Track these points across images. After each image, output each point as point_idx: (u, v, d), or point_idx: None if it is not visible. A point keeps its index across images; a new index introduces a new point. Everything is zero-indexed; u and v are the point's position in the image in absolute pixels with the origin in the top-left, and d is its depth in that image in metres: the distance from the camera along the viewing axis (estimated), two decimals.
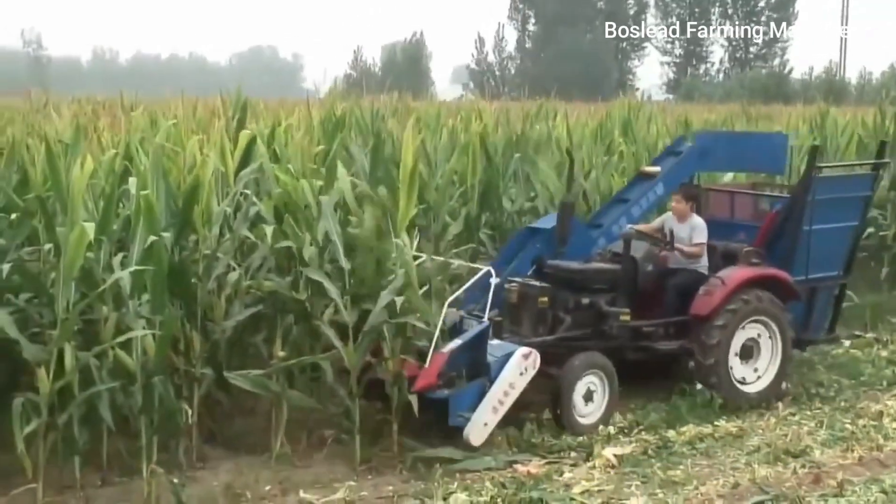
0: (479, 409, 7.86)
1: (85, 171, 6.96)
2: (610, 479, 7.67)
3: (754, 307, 9.40)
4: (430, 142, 11.56)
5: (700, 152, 10.50)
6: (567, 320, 9.10)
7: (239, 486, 7.39)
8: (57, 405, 6.79)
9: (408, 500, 7.18)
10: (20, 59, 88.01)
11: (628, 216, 10.14)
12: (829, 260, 10.30)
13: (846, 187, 10.53)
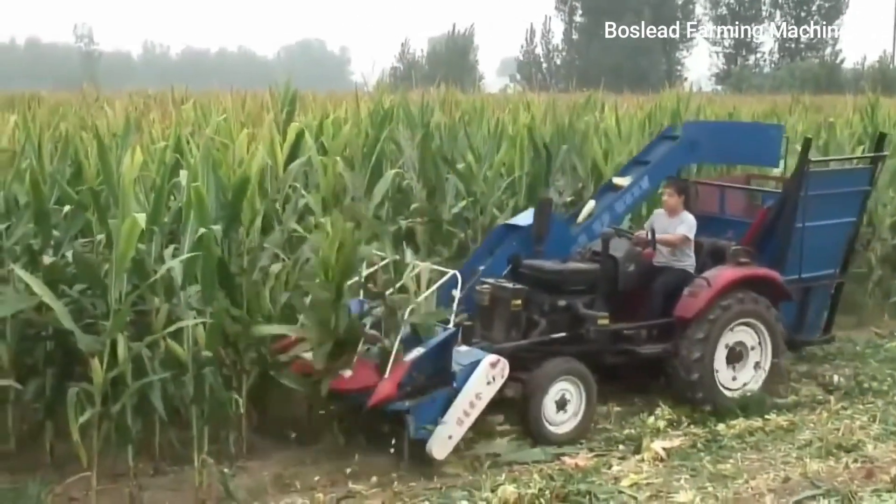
0: (444, 422, 7.43)
1: (135, 164, 7.01)
2: (658, 473, 7.64)
3: (741, 309, 8.90)
4: (478, 134, 11.54)
5: (688, 144, 10.11)
6: (542, 324, 8.60)
7: (288, 477, 7.45)
8: (110, 395, 6.85)
9: (456, 492, 7.18)
10: (73, 54, 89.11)
11: (612, 213, 9.74)
12: (824, 258, 9.84)
13: (842, 182, 10.03)
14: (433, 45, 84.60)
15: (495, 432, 8.39)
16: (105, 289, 7.02)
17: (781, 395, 9.41)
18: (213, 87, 18.61)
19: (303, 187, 9.88)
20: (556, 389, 8.12)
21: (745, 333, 9.05)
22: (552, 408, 8.13)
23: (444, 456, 7.42)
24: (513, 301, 8.38)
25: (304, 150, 10.09)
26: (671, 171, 9.95)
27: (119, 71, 73.89)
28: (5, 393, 7.41)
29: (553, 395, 8.11)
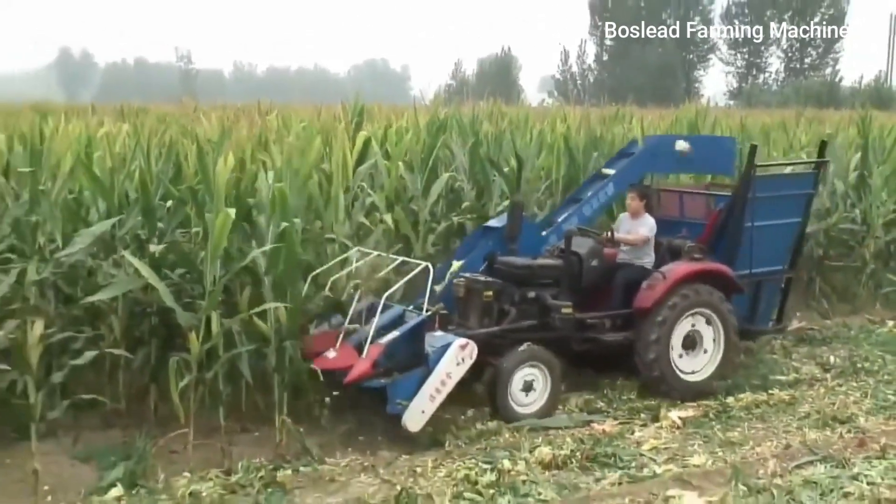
0: (417, 398, 7.26)
1: (227, 166, 7.10)
2: (675, 439, 7.63)
3: (695, 300, 8.64)
4: (520, 142, 11.52)
5: (649, 154, 9.73)
6: (513, 313, 8.42)
7: (355, 436, 7.51)
8: (205, 364, 6.96)
9: (499, 452, 7.19)
10: (173, 71, 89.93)
11: (579, 215, 9.39)
12: (772, 255, 9.56)
13: (788, 185, 9.74)
14: (481, 64, 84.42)
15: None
16: (201, 273, 7.11)
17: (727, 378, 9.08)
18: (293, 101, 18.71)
19: (369, 187, 9.94)
20: (522, 374, 7.95)
21: (700, 322, 8.77)
22: (519, 391, 7.95)
23: (417, 428, 7.27)
24: (485, 293, 8.27)
25: (371, 155, 10.15)
26: (633, 179, 9.59)
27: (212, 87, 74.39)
28: (117, 360, 7.52)
29: (520, 379, 7.93)
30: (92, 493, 6.38)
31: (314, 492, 6.47)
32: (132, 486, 6.48)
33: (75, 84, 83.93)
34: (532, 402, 8.00)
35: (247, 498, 6.30)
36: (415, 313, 7.83)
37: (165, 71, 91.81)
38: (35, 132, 8.11)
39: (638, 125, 13.55)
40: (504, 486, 6.49)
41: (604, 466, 6.97)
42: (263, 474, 6.68)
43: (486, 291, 8.27)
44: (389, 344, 7.37)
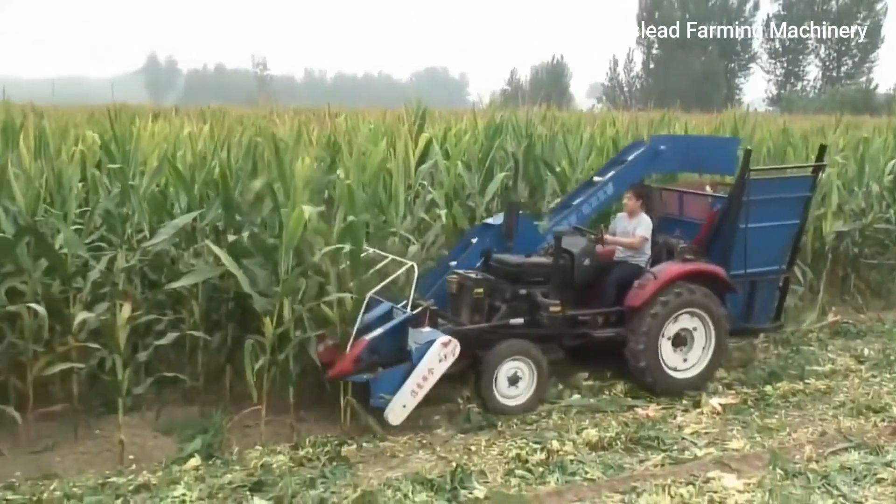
0: (400, 393, 7.03)
1: (305, 165, 7.13)
2: (715, 424, 7.52)
3: (686, 299, 8.25)
4: (572, 144, 11.43)
5: (651, 155, 9.23)
6: (503, 309, 8.09)
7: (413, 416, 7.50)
8: (277, 346, 7.00)
9: (549, 433, 7.17)
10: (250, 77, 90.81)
11: (578, 214, 9.01)
12: (768, 255, 9.02)
13: (783, 188, 9.18)
14: (535, 71, 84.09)
15: (582, 386, 8.36)
16: (276, 263, 7.16)
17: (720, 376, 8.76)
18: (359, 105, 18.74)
19: (429, 185, 9.94)
20: (508, 367, 7.69)
21: (690, 321, 8.38)
22: (505, 383, 7.68)
23: (399, 422, 7.03)
24: (475, 289, 7.99)
25: (432, 155, 10.17)
26: (634, 179, 9.17)
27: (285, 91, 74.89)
28: (196, 342, 7.60)
29: (505, 372, 7.67)
30: (172, 462, 6.47)
31: (376, 466, 6.50)
32: (209, 458, 6.56)
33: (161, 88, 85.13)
34: (518, 395, 7.71)
35: (314, 470, 6.33)
36: (402, 310, 7.53)
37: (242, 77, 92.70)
38: (125, 132, 8.23)
39: (683, 129, 13.38)
40: (553, 465, 6.46)
41: (647, 448, 6.90)
42: (329, 449, 6.72)
43: (476, 288, 8.00)
44: (373, 340, 7.15)
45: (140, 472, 6.29)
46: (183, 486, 5.96)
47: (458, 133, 11.10)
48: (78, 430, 6.92)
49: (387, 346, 7.24)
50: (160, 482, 6.08)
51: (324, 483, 6.09)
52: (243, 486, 5.97)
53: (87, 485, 6.04)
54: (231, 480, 6.06)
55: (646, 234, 8.66)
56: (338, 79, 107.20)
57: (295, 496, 5.76)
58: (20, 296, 6.88)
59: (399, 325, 7.33)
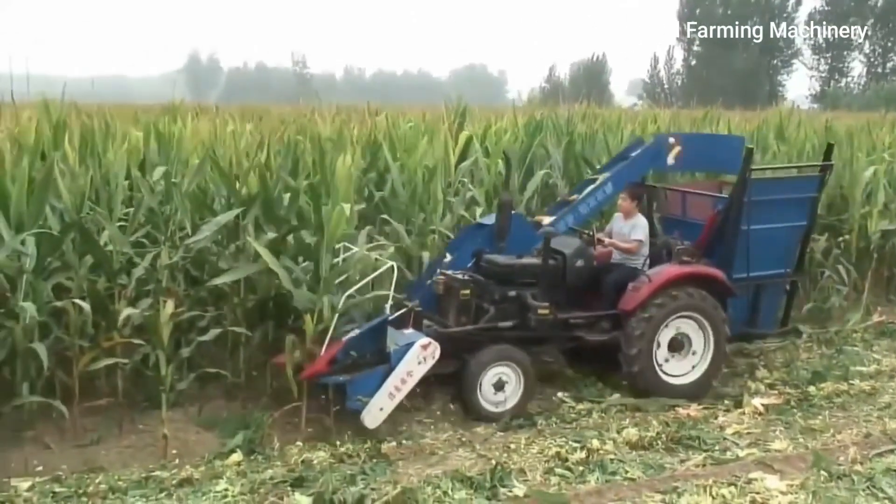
0: (377, 395, 6.84)
1: (346, 164, 7.16)
2: (757, 425, 7.45)
3: (682, 303, 7.96)
4: (612, 142, 11.37)
5: (653, 153, 8.92)
6: (491, 311, 7.81)
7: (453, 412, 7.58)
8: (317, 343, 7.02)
9: (589, 432, 7.15)
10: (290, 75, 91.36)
11: (575, 214, 8.74)
12: (773, 258, 8.67)
13: (789, 188, 8.82)
14: (574, 68, 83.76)
15: (622, 385, 8.31)
16: (318, 261, 7.20)
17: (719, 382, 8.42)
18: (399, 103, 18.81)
19: (470, 182, 9.95)
20: (493, 373, 7.45)
21: (687, 325, 8.10)
22: (490, 388, 7.45)
23: (375, 425, 6.85)
24: (462, 291, 7.74)
25: (472, 152, 10.16)
26: (635, 178, 8.93)
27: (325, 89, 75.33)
28: (238, 338, 7.67)
29: (490, 378, 7.44)
30: (214, 457, 6.54)
31: (415, 463, 6.52)
32: (250, 453, 6.62)
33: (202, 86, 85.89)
34: (504, 401, 7.50)
35: (354, 467, 6.37)
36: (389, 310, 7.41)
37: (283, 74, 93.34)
38: (168, 130, 8.34)
39: (726, 127, 13.25)
40: (593, 464, 6.44)
41: (688, 448, 6.86)
42: (369, 446, 6.75)
43: (463, 290, 7.76)
44: (348, 342, 7.02)
45: (183, 466, 6.36)
46: (225, 481, 6.02)
47: (499, 131, 11.08)
48: (122, 424, 7.02)
49: (365, 347, 7.07)
50: (203, 477, 6.15)
51: (364, 479, 6.12)
52: (284, 482, 6.02)
53: (132, 478, 6.13)
54: (272, 476, 6.11)
55: (641, 237, 8.38)
56: (377, 76, 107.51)
57: (335, 492, 5.79)
58: (66, 292, 7.00)
59: (378, 326, 7.15)
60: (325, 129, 10.03)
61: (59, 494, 5.88)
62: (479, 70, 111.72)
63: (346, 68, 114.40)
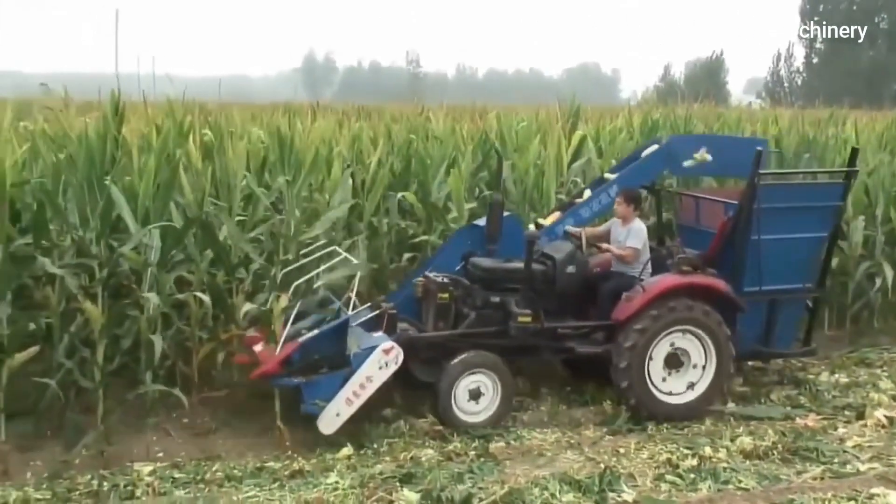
0: (334, 400, 6.58)
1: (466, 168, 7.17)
2: (881, 437, 7.16)
3: (679, 316, 7.37)
4: None
5: (666, 155, 8.32)
6: (472, 317, 7.43)
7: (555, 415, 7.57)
8: None
9: (701, 439, 7.01)
10: (403, 74, 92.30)
11: (576, 217, 8.15)
12: (790, 271, 7.97)
13: (808, 196, 8.13)
14: (689, 66, 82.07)
15: (736, 392, 8.13)
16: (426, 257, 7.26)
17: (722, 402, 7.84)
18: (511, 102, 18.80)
19: (582, 182, 9.87)
20: (468, 381, 7.09)
21: (685, 341, 7.49)
22: (465, 397, 7.10)
23: (330, 431, 6.61)
24: (439, 294, 7.36)
25: (585, 152, 10.08)
26: (644, 181, 8.46)
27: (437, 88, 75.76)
28: None
29: (465, 386, 7.09)
30: (325, 451, 6.67)
31: (523, 464, 6.50)
32: (360, 448, 6.72)
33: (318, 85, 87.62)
34: (480, 411, 7.15)
35: (462, 465, 6.39)
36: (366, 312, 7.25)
37: (396, 73, 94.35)
38: (286, 129, 8.55)
39: (852, 128, 12.77)
40: (705, 472, 6.30)
41: (805, 460, 6.64)
42: (477, 445, 6.77)
43: (440, 293, 7.38)
44: (305, 343, 6.76)
45: (295, 458, 6.51)
46: (336, 475, 6.12)
47: (613, 131, 10.96)
48: (239, 415, 7.22)
49: (324, 349, 6.80)
50: (314, 469, 6.28)
51: (471, 478, 6.12)
52: (393, 478, 6.08)
53: (247, 468, 6.31)
54: (381, 471, 6.18)
55: (637, 244, 7.83)
56: (488, 75, 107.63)
57: (443, 490, 5.83)
58: (188, 285, 7.26)
59: (335, 328, 6.89)
60: (437, 127, 10.13)
61: (178, 480, 6.10)
62: (591, 69, 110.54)
63: (458, 67, 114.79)
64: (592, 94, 57.43)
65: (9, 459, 6.32)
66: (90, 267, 6.81)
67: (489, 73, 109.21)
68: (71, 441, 6.54)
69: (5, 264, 6.42)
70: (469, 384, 7.10)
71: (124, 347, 6.85)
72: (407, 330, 7.26)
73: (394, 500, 5.76)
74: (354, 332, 7.06)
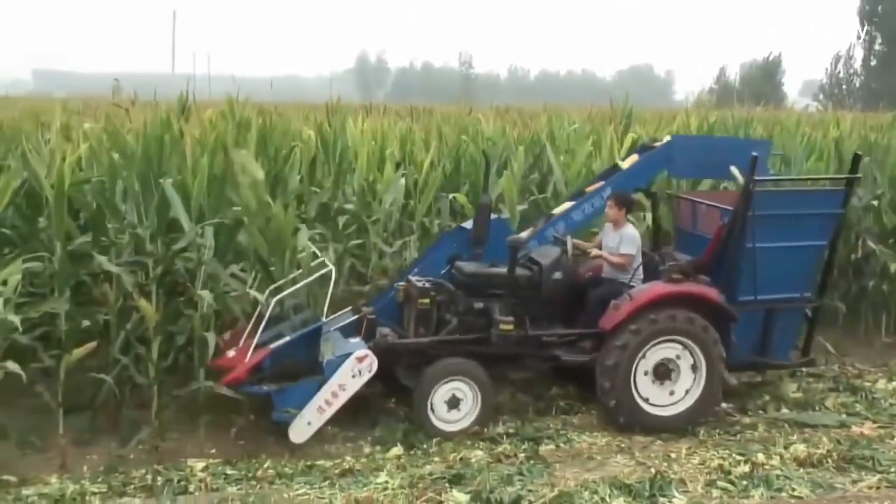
0: (306, 408, 6.52)
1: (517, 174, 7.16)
2: None
3: (667, 326, 7.10)
4: (789, 145, 10.93)
5: (664, 157, 8.05)
6: (453, 323, 7.23)
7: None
8: None
9: (754, 445, 6.92)
10: (455, 75, 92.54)
11: (567, 220, 7.88)
12: (787, 280, 7.65)
13: (807, 203, 7.77)
14: (744, 68, 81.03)
15: (790, 399, 8.01)
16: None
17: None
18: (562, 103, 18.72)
19: None
20: (447, 389, 6.93)
21: (673, 350, 7.23)
22: (443, 406, 6.94)
23: (301, 440, 6.56)
24: (420, 299, 7.17)
25: None
26: (640, 183, 8.20)
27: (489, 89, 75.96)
28: None
29: (443, 394, 6.93)
30: (375, 450, 6.72)
31: (573, 467, 6.47)
32: (410, 448, 6.74)
33: (370, 86, 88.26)
34: (459, 420, 6.98)
35: (511, 467, 6.38)
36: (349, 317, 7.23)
37: (448, 74, 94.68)
38: (337, 129, 8.64)
39: None
40: (757, 479, 6.21)
41: (861, 469, 6.51)
42: (527, 447, 6.76)
43: (421, 299, 7.18)
44: (276, 350, 6.64)
45: (344, 457, 6.56)
46: (385, 474, 6.15)
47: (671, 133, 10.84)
48: None
49: (293, 355, 6.70)
50: (364, 468, 6.32)
51: (521, 480, 6.11)
52: (442, 478, 6.09)
53: (298, 466, 6.37)
54: (431, 472, 6.20)
55: (631, 250, 7.56)
56: (541, 77, 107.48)
57: (493, 491, 5.83)
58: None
59: (307, 334, 6.78)
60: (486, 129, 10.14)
61: (230, 476, 6.17)
62: (644, 70, 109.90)
63: (510, 68, 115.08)
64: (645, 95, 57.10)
65: (66, 453, 6.46)
66: (146, 265, 6.93)
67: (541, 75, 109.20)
68: (126, 436, 6.67)
69: (65, 262, 6.55)
70: (446, 392, 6.96)
71: (178, 344, 6.94)
72: (387, 336, 7.09)
73: (443, 500, 5.78)
74: (332, 337, 7.02)
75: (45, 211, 6.76)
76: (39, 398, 6.54)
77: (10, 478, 6.13)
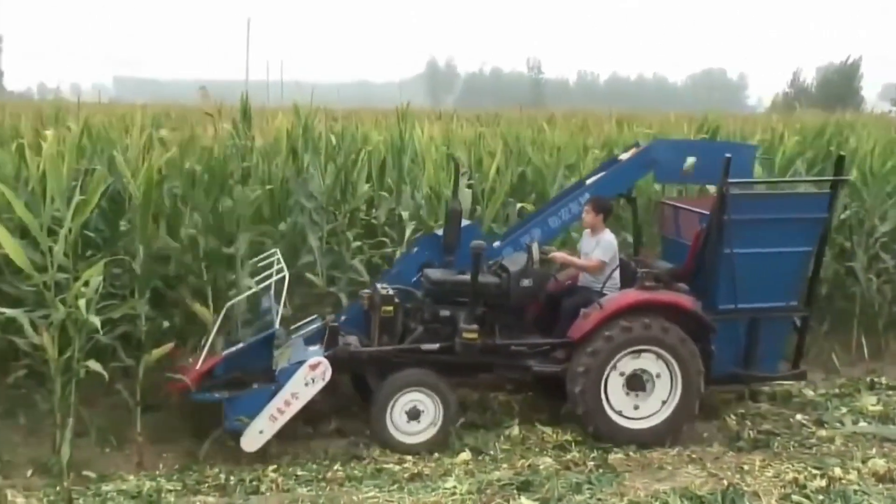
0: (258, 417, 6.41)
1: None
2: None
3: (638, 335, 6.88)
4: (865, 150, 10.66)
5: (643, 162, 7.72)
6: (418, 331, 7.09)
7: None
8: None
9: (830, 459, 6.77)
10: (524, 80, 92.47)
11: (543, 227, 7.63)
12: (771, 288, 7.30)
13: (787, 207, 7.41)
14: (821, 72, 79.32)
15: (868, 411, 7.84)
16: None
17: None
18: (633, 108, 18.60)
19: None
20: (406, 399, 6.79)
21: (647, 361, 7.00)
22: (402, 417, 6.80)
23: (253, 449, 6.45)
24: (383, 307, 7.00)
25: None
26: (620, 188, 7.92)
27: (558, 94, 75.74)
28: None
29: (403, 405, 6.79)
30: (444, 455, 6.75)
31: (643, 477, 6.40)
32: (478, 454, 6.77)
33: (440, 91, 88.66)
34: (420, 432, 6.83)
35: (580, 475, 6.35)
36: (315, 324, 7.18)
37: (517, 79, 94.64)
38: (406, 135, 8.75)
39: None
40: (834, 494, 6.07)
41: None
42: (596, 455, 6.73)
43: (384, 306, 7.01)
44: (227, 357, 6.54)
45: (414, 461, 6.60)
46: (454, 479, 6.19)
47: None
48: (353, 417, 7.37)
49: (246, 363, 6.61)
50: (432, 473, 6.36)
51: (590, 489, 6.08)
52: (510, 485, 6.09)
53: (367, 469, 6.44)
54: (499, 478, 6.22)
55: (604, 256, 7.35)
56: (611, 81, 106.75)
57: (560, 499, 5.82)
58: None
59: (260, 341, 6.66)
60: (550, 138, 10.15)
61: (301, 478, 6.27)
62: (717, 74, 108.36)
63: (579, 73, 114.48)
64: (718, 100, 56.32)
65: (143, 451, 6.63)
66: None
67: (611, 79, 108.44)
68: (200, 436, 6.80)
69: (147, 265, 6.72)
70: (406, 403, 6.83)
71: None
72: (349, 344, 6.98)
73: None
74: (294, 344, 7.00)
75: (128, 214, 6.93)
76: (118, 396, 6.74)
77: (90, 473, 6.33)
